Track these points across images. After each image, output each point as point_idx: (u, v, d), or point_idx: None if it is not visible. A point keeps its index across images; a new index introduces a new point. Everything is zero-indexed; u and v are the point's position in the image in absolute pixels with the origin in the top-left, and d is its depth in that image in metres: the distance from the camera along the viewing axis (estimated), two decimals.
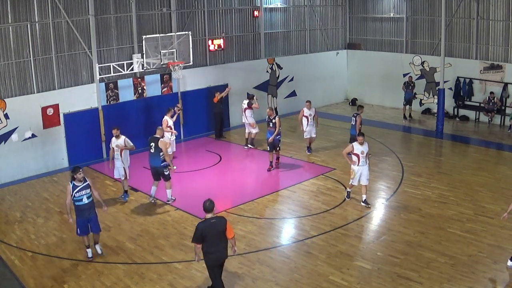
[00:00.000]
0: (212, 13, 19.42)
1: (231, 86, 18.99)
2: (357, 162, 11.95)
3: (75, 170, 9.60)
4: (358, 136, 12.21)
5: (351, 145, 12.21)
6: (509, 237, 10.27)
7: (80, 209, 9.64)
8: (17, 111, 14.60)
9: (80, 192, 9.54)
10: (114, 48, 16.78)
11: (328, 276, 9.10)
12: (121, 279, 9.24)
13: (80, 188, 9.54)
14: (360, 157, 11.91)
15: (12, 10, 14.37)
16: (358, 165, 11.94)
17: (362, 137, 12.07)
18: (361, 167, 11.96)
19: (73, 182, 9.54)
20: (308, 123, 16.02)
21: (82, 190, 9.56)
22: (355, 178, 12.07)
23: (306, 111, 16.10)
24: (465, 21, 20.38)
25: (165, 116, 15.14)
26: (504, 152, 16.51)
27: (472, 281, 8.72)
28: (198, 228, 7.76)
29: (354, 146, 12.04)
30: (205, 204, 7.84)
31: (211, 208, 7.83)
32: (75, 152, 15.92)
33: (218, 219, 7.96)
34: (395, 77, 22.50)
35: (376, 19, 23.74)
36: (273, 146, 14.70)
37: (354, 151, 11.96)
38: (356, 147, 11.98)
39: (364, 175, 12.00)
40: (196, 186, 14.00)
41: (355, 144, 12.04)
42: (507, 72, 19.17)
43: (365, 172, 12.01)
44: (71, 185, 9.54)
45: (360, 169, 11.98)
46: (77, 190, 9.52)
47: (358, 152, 11.92)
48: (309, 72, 22.88)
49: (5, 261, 10.03)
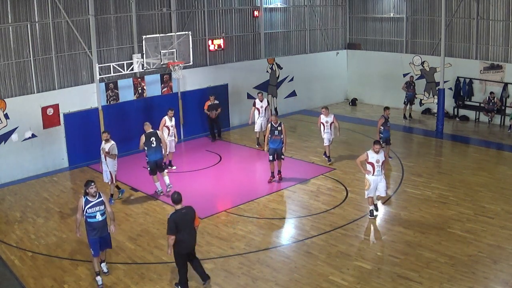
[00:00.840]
0: (212, 13, 19.42)
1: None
2: (371, 171, 11.12)
3: (87, 184, 8.88)
4: (374, 144, 11.23)
5: (365, 153, 11.30)
6: (509, 237, 10.28)
7: (92, 227, 8.77)
8: (17, 111, 14.61)
9: (93, 208, 8.74)
10: (114, 48, 16.78)
11: (328, 276, 9.10)
12: (121, 279, 9.24)
13: (93, 204, 8.76)
14: (375, 166, 11.09)
15: (12, 10, 14.37)
16: (373, 175, 11.12)
17: (379, 145, 11.19)
18: (376, 177, 11.15)
19: (86, 196, 8.79)
20: (324, 130, 15.17)
21: (95, 206, 8.77)
22: (371, 189, 11.22)
23: (322, 117, 15.24)
24: (465, 21, 20.38)
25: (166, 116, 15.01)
26: (504, 152, 16.51)
27: (472, 281, 8.71)
28: (171, 220, 8.21)
29: (368, 154, 11.17)
30: (173, 196, 8.40)
31: (180, 199, 8.36)
32: (75, 152, 15.92)
33: (188, 209, 8.45)
34: (395, 77, 22.50)
35: (376, 19, 23.74)
36: (278, 155, 13.73)
37: (369, 160, 11.13)
38: (370, 156, 11.15)
39: (382, 186, 11.24)
40: (196, 186, 14.00)
41: (370, 152, 11.17)
42: (507, 72, 19.17)
43: (382, 183, 11.24)
44: (83, 200, 8.79)
45: (376, 179, 11.17)
46: (90, 206, 8.73)
47: (372, 161, 11.10)
48: (309, 72, 22.88)
49: (5, 261, 10.03)
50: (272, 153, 13.62)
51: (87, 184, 8.90)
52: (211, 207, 12.46)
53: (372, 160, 11.10)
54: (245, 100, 20.59)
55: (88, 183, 8.91)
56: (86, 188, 8.85)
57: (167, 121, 14.78)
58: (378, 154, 11.12)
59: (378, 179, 11.19)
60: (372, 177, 11.15)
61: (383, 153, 11.32)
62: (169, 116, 14.70)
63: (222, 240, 10.66)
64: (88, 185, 8.85)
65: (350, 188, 13.36)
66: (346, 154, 16.31)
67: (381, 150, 11.21)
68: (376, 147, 11.12)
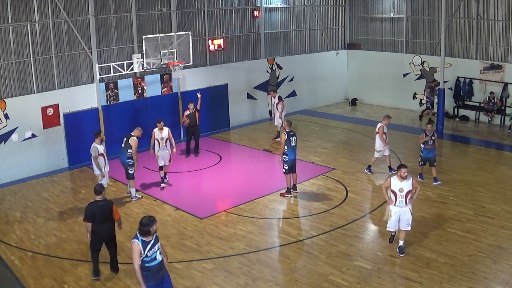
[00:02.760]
0: (212, 13, 19.42)
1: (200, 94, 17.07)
2: (393, 201, 9.47)
3: (149, 222, 6.88)
4: (400, 168, 9.39)
5: (388, 179, 9.61)
6: (509, 237, 10.28)
7: (152, 270, 7.03)
8: (17, 111, 14.60)
9: (153, 249, 6.98)
10: (114, 48, 16.78)
11: (328, 276, 9.10)
12: (121, 279, 9.24)
13: (152, 244, 6.97)
14: (398, 196, 9.36)
15: (12, 10, 14.37)
16: (395, 205, 9.46)
17: (405, 169, 9.34)
18: (398, 208, 9.44)
19: (141, 238, 6.88)
20: (386, 140, 14.03)
21: (154, 245, 7.01)
22: (392, 220, 9.58)
23: (385, 128, 14.02)
24: (465, 21, 20.38)
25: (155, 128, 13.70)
26: (504, 152, 16.52)
27: (472, 281, 8.71)
28: (87, 208, 8.92)
29: (391, 180, 9.42)
30: (95, 188, 9.11)
31: (100, 191, 9.00)
32: (75, 152, 15.92)
33: (106, 202, 9.05)
34: (395, 77, 22.53)
35: (376, 19, 23.74)
36: (294, 167, 12.77)
37: (391, 187, 9.43)
38: (393, 182, 9.37)
39: (404, 220, 9.50)
40: (196, 186, 14.00)
41: (393, 179, 9.41)
42: (507, 72, 19.18)
43: (406, 216, 9.47)
44: (139, 243, 6.85)
45: (398, 210, 9.47)
46: (149, 248, 6.93)
47: (395, 189, 9.35)
48: (309, 72, 22.89)
49: (5, 261, 10.03)
50: (290, 164, 12.58)
51: (148, 221, 6.91)
52: (211, 207, 12.47)
53: (394, 188, 9.38)
54: (245, 100, 20.60)
55: (150, 220, 6.94)
56: (148, 226, 6.88)
57: (156, 133, 13.49)
58: (404, 181, 9.32)
59: (401, 211, 9.45)
60: (394, 207, 9.51)
61: (411, 181, 9.39)
62: (158, 128, 13.50)
63: (222, 240, 10.65)
64: (152, 222, 6.92)
65: (350, 188, 13.36)
66: (346, 154, 16.32)
67: (409, 177, 9.41)
68: (403, 172, 9.27)
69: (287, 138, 12.46)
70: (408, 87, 22.28)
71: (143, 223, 6.87)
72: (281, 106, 17.68)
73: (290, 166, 12.61)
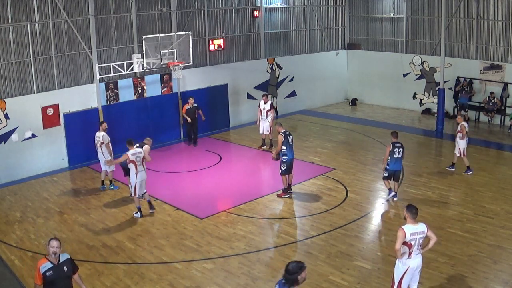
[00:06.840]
0: (212, 13, 19.42)
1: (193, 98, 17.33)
2: (407, 254, 7.20)
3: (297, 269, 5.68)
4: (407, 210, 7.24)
5: (402, 231, 7.08)
6: (509, 237, 10.28)
7: None
8: (17, 111, 14.60)
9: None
10: (114, 48, 16.78)
11: (328, 276, 9.10)
12: (121, 279, 9.24)
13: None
14: (414, 247, 7.17)
15: (12, 10, 14.36)
16: (408, 258, 7.23)
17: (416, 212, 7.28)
18: (410, 261, 7.24)
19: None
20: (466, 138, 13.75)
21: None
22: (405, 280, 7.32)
23: (466, 125, 13.92)
24: (465, 21, 20.38)
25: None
26: (504, 152, 16.52)
27: (472, 281, 8.72)
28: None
29: (405, 230, 7.07)
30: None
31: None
32: (75, 152, 15.92)
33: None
34: (395, 77, 22.52)
35: (376, 19, 23.74)
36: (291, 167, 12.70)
37: (406, 239, 7.08)
38: (408, 231, 7.07)
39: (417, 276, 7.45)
40: (196, 186, 14.00)
41: (407, 227, 7.11)
42: (507, 72, 19.18)
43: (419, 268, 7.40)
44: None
45: (413, 266, 7.28)
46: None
47: (411, 241, 7.11)
48: (309, 72, 22.88)
49: (5, 261, 10.02)
50: (289, 164, 12.54)
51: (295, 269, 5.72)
52: (211, 207, 12.46)
53: (410, 240, 7.12)
54: (245, 100, 20.60)
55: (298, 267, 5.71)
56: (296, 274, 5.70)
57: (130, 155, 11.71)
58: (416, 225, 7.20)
59: (411, 263, 7.27)
60: (408, 260, 7.24)
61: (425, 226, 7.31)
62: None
63: (222, 240, 10.65)
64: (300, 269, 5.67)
65: (350, 188, 13.36)
66: (346, 154, 16.32)
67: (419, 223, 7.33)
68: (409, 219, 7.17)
69: (285, 138, 12.42)
70: (408, 87, 22.29)
71: (289, 270, 5.49)
72: (272, 115, 16.78)
73: (289, 166, 12.61)
